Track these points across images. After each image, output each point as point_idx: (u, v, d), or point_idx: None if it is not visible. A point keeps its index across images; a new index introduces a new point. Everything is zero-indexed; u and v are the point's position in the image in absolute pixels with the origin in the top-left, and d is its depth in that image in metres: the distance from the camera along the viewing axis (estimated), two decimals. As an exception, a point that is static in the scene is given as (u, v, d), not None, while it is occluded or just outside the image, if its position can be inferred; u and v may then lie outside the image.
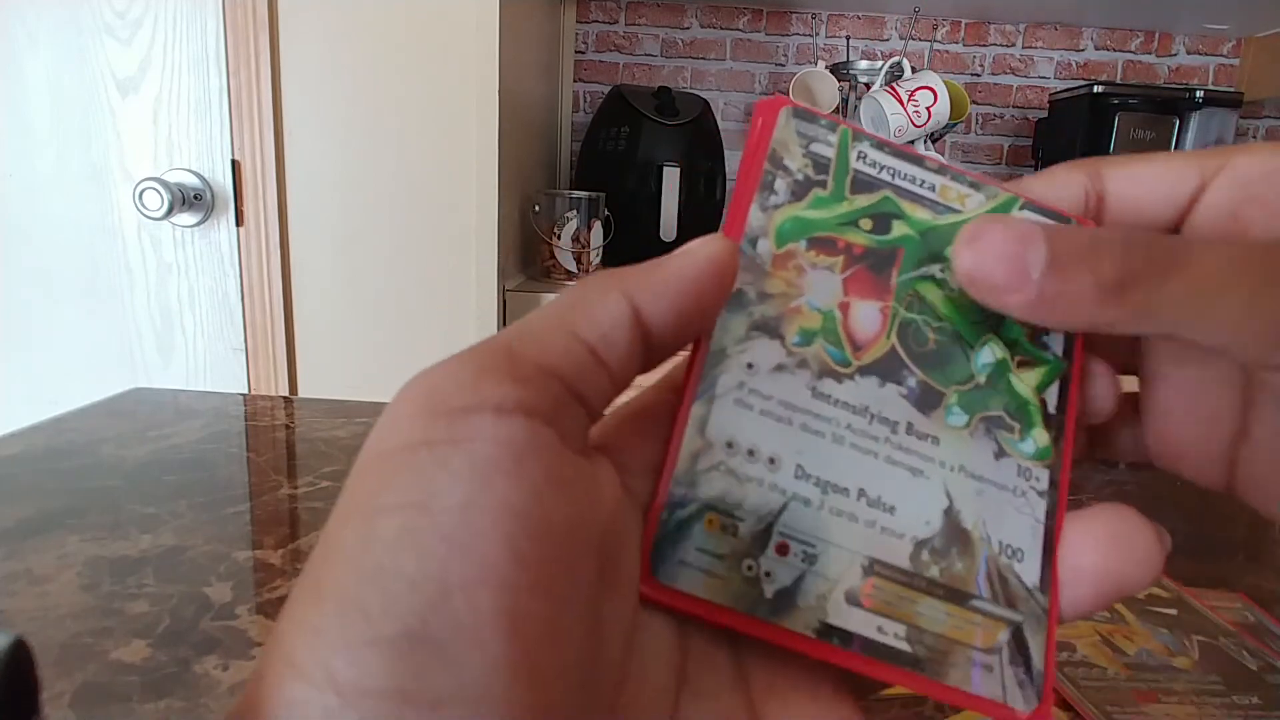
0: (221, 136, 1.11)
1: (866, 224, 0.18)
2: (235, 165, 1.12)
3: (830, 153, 0.19)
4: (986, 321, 0.18)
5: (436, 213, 1.15)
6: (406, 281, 1.16)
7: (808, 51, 1.61)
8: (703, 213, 1.38)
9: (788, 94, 1.38)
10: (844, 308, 0.18)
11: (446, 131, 1.12)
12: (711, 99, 1.55)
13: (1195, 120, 1.38)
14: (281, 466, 0.55)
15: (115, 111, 1.11)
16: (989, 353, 0.18)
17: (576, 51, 1.63)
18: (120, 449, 0.56)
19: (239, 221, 1.13)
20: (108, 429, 0.60)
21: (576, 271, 1.24)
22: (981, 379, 0.18)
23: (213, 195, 1.13)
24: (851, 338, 0.18)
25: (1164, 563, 0.17)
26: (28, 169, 1.12)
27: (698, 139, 1.39)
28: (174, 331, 1.18)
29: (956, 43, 1.61)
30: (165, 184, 1.06)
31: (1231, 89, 1.51)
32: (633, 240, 1.32)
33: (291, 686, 0.12)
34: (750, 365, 0.17)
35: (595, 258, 1.25)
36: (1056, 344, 0.19)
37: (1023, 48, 1.62)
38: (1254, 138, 1.60)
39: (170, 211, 1.07)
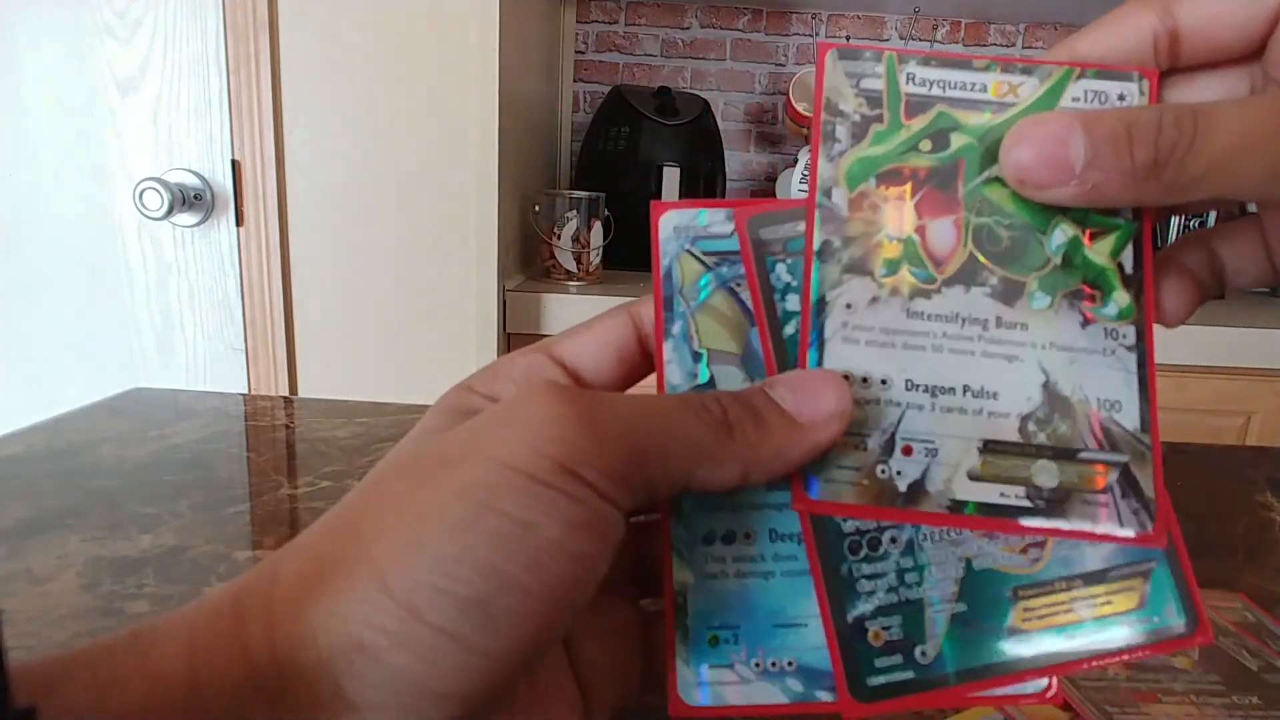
0: (221, 136, 1.11)
1: (926, 145, 0.20)
2: (235, 165, 1.12)
3: (880, 84, 0.20)
4: (1052, 206, 0.20)
5: (436, 213, 1.14)
6: (406, 281, 1.16)
7: (808, 51, 1.61)
8: (703, 213, 1.37)
9: (789, 94, 1.38)
10: (920, 231, 0.20)
11: (446, 132, 1.12)
12: (711, 99, 1.55)
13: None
14: (281, 467, 0.55)
15: (115, 111, 1.11)
16: (1060, 235, 0.20)
17: (576, 51, 1.62)
18: (120, 449, 0.56)
19: (239, 221, 1.13)
20: (108, 429, 0.60)
21: (576, 271, 1.24)
22: (1057, 260, 0.20)
23: (213, 195, 1.13)
24: (932, 256, 0.20)
25: None
26: (28, 169, 1.12)
27: (698, 139, 1.39)
28: (174, 331, 1.18)
29: (956, 42, 1.61)
30: (165, 184, 1.06)
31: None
32: (633, 240, 1.32)
33: (371, 591, 0.16)
34: (849, 305, 0.20)
35: (595, 258, 1.25)
36: (1125, 208, 0.20)
37: (1022, 47, 1.61)
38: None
39: (170, 211, 1.07)
